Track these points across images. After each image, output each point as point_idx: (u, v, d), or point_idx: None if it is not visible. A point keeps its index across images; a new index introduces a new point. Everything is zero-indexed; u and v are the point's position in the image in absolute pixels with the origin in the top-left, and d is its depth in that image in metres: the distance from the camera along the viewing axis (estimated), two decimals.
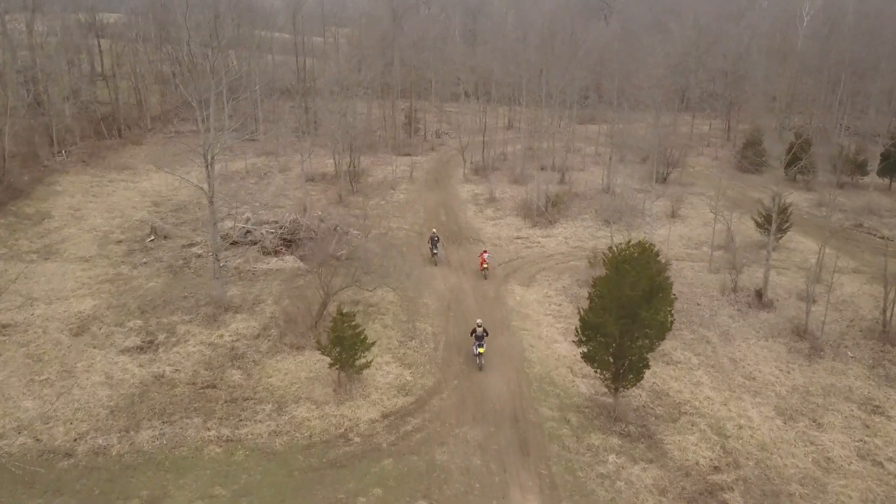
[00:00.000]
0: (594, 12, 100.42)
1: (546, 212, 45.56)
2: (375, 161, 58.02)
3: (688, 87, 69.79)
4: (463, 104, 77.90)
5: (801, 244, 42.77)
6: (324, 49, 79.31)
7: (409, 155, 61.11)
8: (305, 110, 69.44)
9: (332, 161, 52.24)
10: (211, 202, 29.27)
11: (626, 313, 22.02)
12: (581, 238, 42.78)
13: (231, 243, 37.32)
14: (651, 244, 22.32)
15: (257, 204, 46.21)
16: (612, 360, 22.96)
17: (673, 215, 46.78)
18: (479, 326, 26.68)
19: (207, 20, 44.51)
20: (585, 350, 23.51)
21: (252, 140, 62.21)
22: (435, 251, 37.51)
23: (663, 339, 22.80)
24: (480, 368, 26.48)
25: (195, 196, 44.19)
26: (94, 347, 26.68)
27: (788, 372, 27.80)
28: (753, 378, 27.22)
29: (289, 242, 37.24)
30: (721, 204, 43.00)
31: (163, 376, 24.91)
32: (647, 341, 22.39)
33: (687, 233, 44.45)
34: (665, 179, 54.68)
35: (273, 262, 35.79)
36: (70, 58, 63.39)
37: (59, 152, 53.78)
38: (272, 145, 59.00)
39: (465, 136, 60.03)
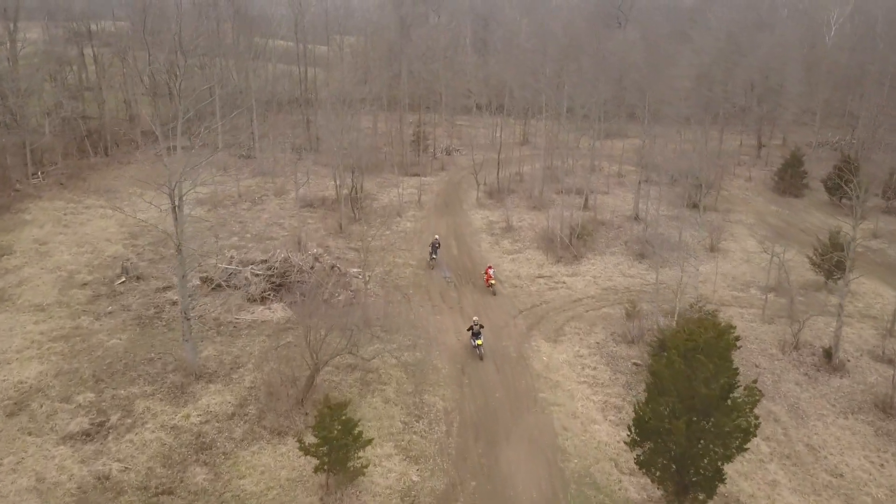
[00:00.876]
0: (609, 20, 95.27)
1: (571, 245, 40.49)
2: (381, 182, 53.20)
3: (714, 99, 64.52)
4: (474, 117, 73.05)
5: (863, 285, 37.43)
6: (327, 59, 74.58)
7: (417, 175, 56.12)
8: (307, 125, 64.72)
9: (332, 183, 47.38)
10: (179, 250, 24.38)
11: (697, 415, 17.01)
12: (612, 277, 37.64)
13: (213, 288, 32.49)
14: (730, 324, 17.25)
15: (248, 235, 41.43)
16: (675, 467, 17.96)
17: (713, 249, 41.62)
18: (476, 324, 28.12)
19: (173, 35, 39.60)
20: (640, 454, 18.52)
21: (247, 157, 57.96)
22: (434, 256, 37.79)
23: (746, 448, 17.68)
24: (481, 358, 27.70)
25: None
26: (30, 434, 21.76)
27: (882, 465, 22.62)
28: (841, 475, 22.05)
29: (278, 287, 32.36)
30: (764, 234, 37.81)
31: (108, 477, 19.95)
32: (722, 451, 17.33)
33: (730, 270, 39.23)
34: (698, 205, 49.53)
35: (259, 312, 30.91)
36: (53, 70, 58.94)
37: (35, 174, 49.18)
38: (268, 164, 54.27)
39: (478, 152, 55.05)
